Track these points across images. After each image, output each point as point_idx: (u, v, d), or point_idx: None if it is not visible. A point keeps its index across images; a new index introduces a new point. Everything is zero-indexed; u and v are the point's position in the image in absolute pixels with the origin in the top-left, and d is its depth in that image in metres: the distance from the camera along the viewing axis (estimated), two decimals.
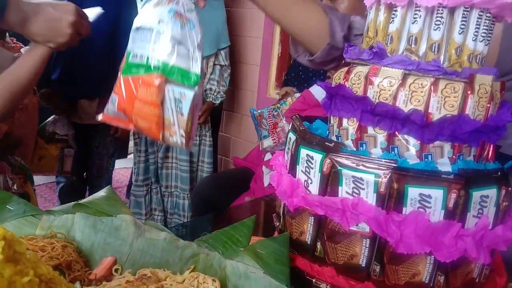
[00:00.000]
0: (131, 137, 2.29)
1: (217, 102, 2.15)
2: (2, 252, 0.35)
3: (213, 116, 2.30)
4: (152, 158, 2.16)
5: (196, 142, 2.24)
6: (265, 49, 2.51)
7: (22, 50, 1.48)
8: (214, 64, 2.21)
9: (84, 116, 2.00)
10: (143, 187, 2.18)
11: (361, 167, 0.61)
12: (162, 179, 2.21)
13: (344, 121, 0.69)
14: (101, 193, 0.82)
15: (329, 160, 0.64)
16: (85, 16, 0.98)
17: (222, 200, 1.52)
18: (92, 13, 1.05)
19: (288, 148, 0.75)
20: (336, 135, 0.71)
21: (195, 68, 0.80)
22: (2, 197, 0.79)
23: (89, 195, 0.85)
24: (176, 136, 0.83)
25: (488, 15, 0.63)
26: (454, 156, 0.63)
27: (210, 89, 2.20)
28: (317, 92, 1.59)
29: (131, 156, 3.68)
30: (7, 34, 1.43)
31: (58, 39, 0.92)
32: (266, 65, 2.52)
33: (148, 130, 0.82)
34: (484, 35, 0.64)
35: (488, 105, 0.63)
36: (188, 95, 0.80)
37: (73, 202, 0.80)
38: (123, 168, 3.63)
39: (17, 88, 0.90)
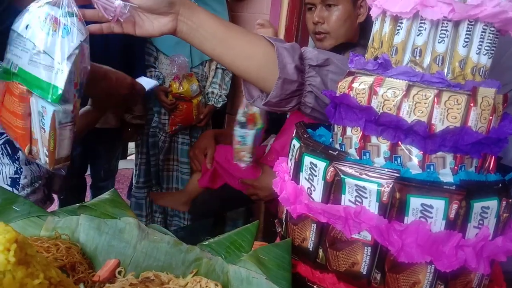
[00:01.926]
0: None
1: (219, 105, 2.16)
2: (14, 255, 0.36)
3: (215, 119, 2.31)
4: (153, 160, 2.17)
5: None
6: None
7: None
8: (216, 68, 2.22)
9: (103, 120, 2.00)
10: (144, 189, 2.18)
11: (364, 176, 0.62)
12: (163, 181, 2.22)
13: (348, 130, 0.70)
14: (106, 195, 0.83)
15: (333, 168, 0.64)
16: (139, 89, 1.14)
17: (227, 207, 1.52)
18: (150, 83, 1.24)
19: (292, 155, 0.76)
20: (339, 144, 0.72)
21: (58, 81, 0.72)
22: (7, 198, 0.80)
23: (93, 197, 0.86)
24: (41, 153, 0.77)
25: (492, 29, 0.64)
26: (456, 167, 0.64)
27: (212, 92, 2.21)
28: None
29: (131, 157, 3.69)
30: None
31: (108, 103, 1.10)
32: None
33: (16, 141, 0.76)
34: (488, 48, 0.65)
35: (491, 117, 0.64)
36: (49, 110, 0.73)
37: (77, 204, 0.81)
38: (123, 169, 3.63)
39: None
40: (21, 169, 1.06)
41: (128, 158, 4.07)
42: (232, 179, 1.62)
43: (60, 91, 0.72)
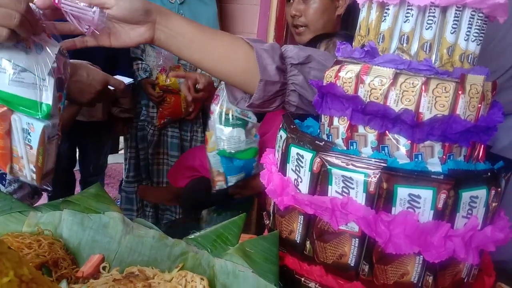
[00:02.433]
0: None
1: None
2: None
3: (205, 111, 2.29)
4: (142, 154, 2.15)
5: (187, 137, 2.23)
6: None
7: None
8: None
9: (88, 114, 1.96)
10: (134, 183, 2.16)
11: (350, 167, 0.60)
12: (153, 175, 2.20)
13: (335, 120, 0.69)
14: (90, 189, 0.81)
15: (319, 159, 0.63)
16: (114, 83, 1.13)
17: (217, 202, 1.51)
18: (125, 80, 1.21)
19: (279, 146, 0.74)
20: (326, 134, 0.71)
21: (46, 98, 0.73)
22: None
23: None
24: (25, 170, 0.77)
25: (480, 15, 0.62)
26: (444, 156, 0.63)
27: None
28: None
29: (122, 152, 3.66)
30: None
31: (81, 99, 1.07)
32: (266, 3, 2.48)
33: None
34: (476, 35, 0.63)
35: (479, 105, 0.63)
36: (37, 127, 0.74)
37: (61, 199, 0.79)
38: (115, 163, 3.61)
39: None
40: None
41: (120, 152, 4.04)
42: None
43: (49, 108, 0.73)
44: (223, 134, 1.23)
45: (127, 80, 1.33)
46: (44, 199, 1.53)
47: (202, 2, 2.05)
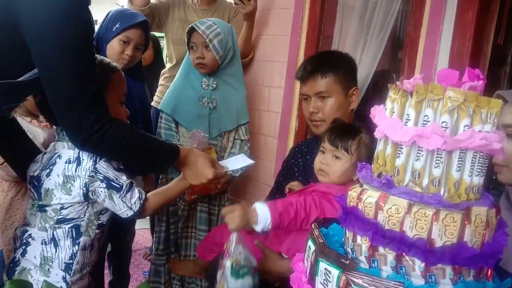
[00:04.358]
0: None
1: (237, 175, 2.26)
2: None
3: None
4: (172, 228, 2.25)
5: (215, 211, 2.33)
6: (283, 123, 2.66)
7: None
8: (235, 139, 2.33)
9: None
10: (163, 256, 2.25)
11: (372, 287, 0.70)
12: (182, 248, 2.29)
13: (358, 237, 0.79)
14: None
15: (345, 278, 0.73)
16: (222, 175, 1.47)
17: None
18: (243, 161, 1.56)
19: (308, 256, 0.84)
20: (351, 249, 0.81)
21: None
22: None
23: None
24: None
25: (481, 154, 0.73)
26: (455, 277, 0.72)
27: None
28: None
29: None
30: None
31: (195, 182, 1.36)
32: (284, 137, 2.65)
33: None
34: (479, 170, 0.74)
35: (484, 231, 0.72)
36: None
37: None
38: (142, 229, 3.70)
39: (166, 201, 1.40)
40: (76, 255, 1.16)
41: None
42: None
43: None
44: (236, 286, 1.34)
45: (247, 161, 1.53)
46: None
47: (233, 88, 2.23)
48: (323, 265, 0.77)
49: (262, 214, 1.21)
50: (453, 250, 0.70)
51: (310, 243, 0.85)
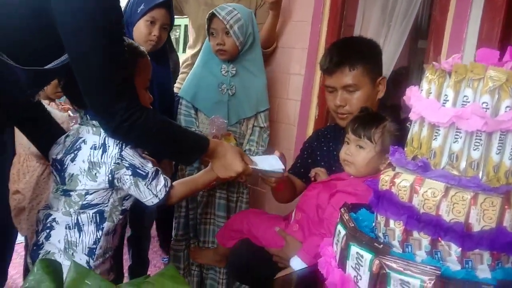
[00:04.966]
0: None
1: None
2: None
3: None
4: (192, 214, 2.25)
5: (233, 198, 2.33)
6: (303, 111, 2.63)
7: (69, 112, 1.71)
8: (254, 126, 2.31)
9: None
10: (182, 241, 2.26)
11: (408, 272, 0.68)
12: (200, 234, 2.29)
13: (391, 222, 0.77)
14: (166, 272, 0.90)
15: (378, 261, 0.71)
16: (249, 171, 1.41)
17: (264, 268, 1.56)
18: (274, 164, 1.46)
19: (338, 240, 0.83)
20: (383, 233, 0.79)
21: None
22: (81, 272, 0.89)
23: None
24: None
25: None
26: (493, 263, 0.70)
27: (249, 149, 2.29)
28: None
29: None
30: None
31: (223, 175, 1.35)
32: (303, 125, 2.63)
33: None
34: None
35: None
36: None
37: (141, 278, 0.89)
38: None
39: (192, 191, 1.41)
40: (99, 239, 1.17)
41: None
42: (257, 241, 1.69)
43: None
44: None
45: (279, 165, 1.46)
46: None
47: (252, 74, 2.21)
48: (354, 249, 0.76)
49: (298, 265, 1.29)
50: (492, 235, 0.68)
51: (339, 227, 0.83)
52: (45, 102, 1.67)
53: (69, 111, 1.78)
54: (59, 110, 1.71)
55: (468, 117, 0.69)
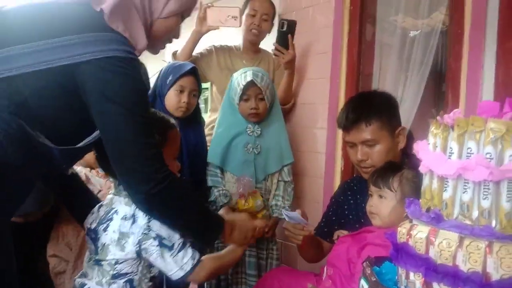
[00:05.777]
0: None
1: (283, 216, 2.26)
2: None
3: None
4: (223, 274, 2.26)
5: (263, 256, 2.33)
6: (329, 163, 2.66)
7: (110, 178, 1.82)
8: (278, 181, 2.34)
9: None
10: None
11: None
12: None
13: (411, 274, 0.78)
14: None
15: None
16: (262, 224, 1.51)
17: None
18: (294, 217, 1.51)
19: None
20: (405, 286, 0.80)
21: None
22: None
23: None
24: None
25: None
26: None
27: (276, 204, 2.31)
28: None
29: None
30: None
31: (244, 242, 1.38)
32: (330, 177, 2.64)
33: None
34: None
35: None
36: None
37: None
38: None
39: (222, 268, 1.42)
40: None
41: None
42: None
43: None
44: None
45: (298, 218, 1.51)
46: None
47: (275, 131, 2.27)
48: None
49: None
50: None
51: (362, 282, 0.85)
52: (86, 169, 1.77)
53: (109, 178, 1.87)
54: (98, 177, 1.80)
55: (473, 168, 0.71)
